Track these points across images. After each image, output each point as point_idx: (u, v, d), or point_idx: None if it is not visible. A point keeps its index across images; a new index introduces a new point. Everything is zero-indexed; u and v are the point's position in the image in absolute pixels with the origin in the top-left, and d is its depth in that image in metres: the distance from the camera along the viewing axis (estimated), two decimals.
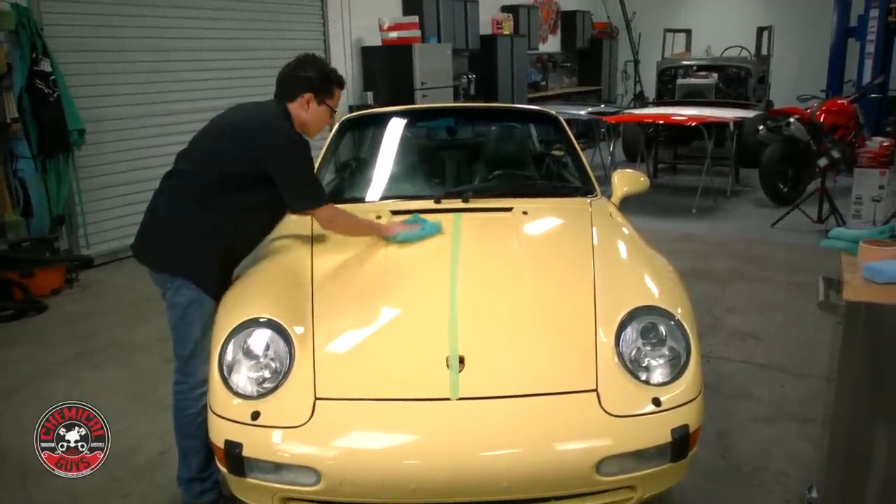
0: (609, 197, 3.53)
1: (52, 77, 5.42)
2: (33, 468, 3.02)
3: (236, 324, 2.28)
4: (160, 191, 2.58)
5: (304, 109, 2.61)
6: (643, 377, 2.17)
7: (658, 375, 2.18)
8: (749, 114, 8.30)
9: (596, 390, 2.12)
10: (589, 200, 3.31)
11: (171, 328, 2.51)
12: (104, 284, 5.68)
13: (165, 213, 2.52)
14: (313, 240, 2.79)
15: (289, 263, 2.64)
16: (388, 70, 8.92)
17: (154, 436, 3.25)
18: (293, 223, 2.96)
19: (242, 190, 2.49)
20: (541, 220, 3.05)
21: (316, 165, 3.61)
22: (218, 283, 2.51)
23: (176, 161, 2.59)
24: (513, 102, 10.71)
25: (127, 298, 5.22)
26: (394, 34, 8.84)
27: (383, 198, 3.35)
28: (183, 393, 2.51)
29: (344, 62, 8.78)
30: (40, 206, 5.60)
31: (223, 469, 2.15)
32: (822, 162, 6.51)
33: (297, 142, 2.54)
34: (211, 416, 2.19)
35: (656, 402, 2.10)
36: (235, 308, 2.38)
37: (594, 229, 2.87)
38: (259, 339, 2.26)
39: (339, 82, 2.71)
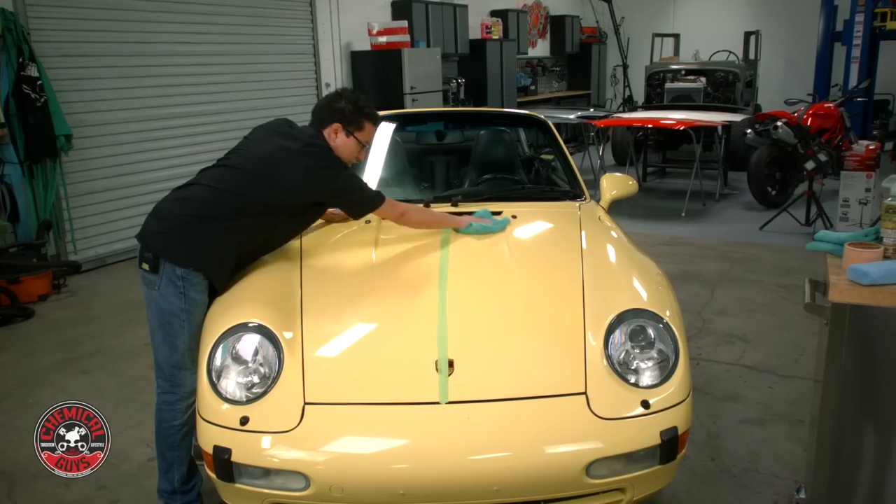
0: (598, 201, 3.55)
1: (38, 82, 5.40)
2: (19, 475, 3.01)
3: (225, 329, 2.27)
4: (175, 199, 2.50)
5: (332, 139, 2.60)
6: (632, 380, 2.17)
7: (647, 378, 2.19)
8: (737, 118, 8.35)
9: (585, 393, 2.12)
10: (578, 204, 3.32)
11: (153, 334, 2.45)
12: (92, 290, 5.65)
13: (181, 217, 2.44)
14: (302, 245, 2.78)
15: (278, 268, 2.63)
16: (377, 75, 8.93)
17: (141, 442, 3.23)
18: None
19: (268, 214, 2.51)
20: (530, 224, 3.06)
21: None
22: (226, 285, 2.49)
23: (199, 175, 2.55)
24: (502, 107, 10.74)
25: (114, 304, 5.19)
26: (383, 39, 8.85)
27: None
28: (170, 403, 2.46)
29: (333, 67, 8.78)
30: (27, 212, 5.57)
31: (212, 475, 2.13)
32: (810, 165, 6.57)
33: (330, 166, 2.53)
34: (200, 422, 2.17)
35: (645, 404, 2.10)
36: (224, 313, 2.36)
37: (583, 233, 2.87)
38: (248, 344, 2.25)
39: (372, 117, 2.67)
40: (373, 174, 3.60)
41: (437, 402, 2.09)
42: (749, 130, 7.48)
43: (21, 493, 2.93)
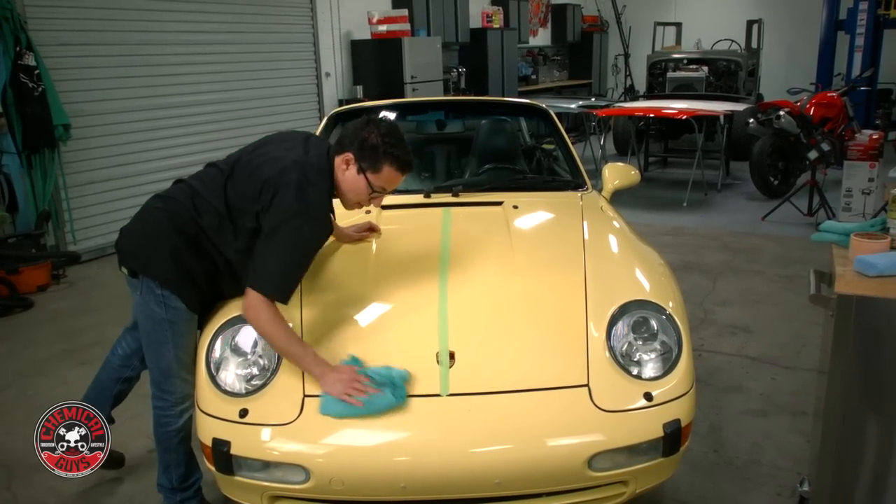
0: (600, 191, 3.52)
1: (36, 71, 5.35)
2: (19, 467, 3.00)
3: (224, 320, 2.26)
4: (155, 207, 2.33)
5: (341, 170, 2.26)
6: (635, 372, 2.16)
7: (650, 370, 2.17)
8: (739, 107, 8.29)
9: (587, 385, 2.10)
10: (580, 194, 3.29)
11: (142, 336, 2.39)
12: (91, 281, 5.63)
13: (162, 216, 2.29)
14: None
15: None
16: (377, 64, 8.88)
17: (141, 434, 3.21)
18: None
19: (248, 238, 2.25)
20: (531, 214, 3.03)
21: None
22: (203, 302, 2.36)
23: (198, 174, 2.37)
24: (503, 96, 10.68)
25: (114, 295, 5.16)
26: (383, 27, 8.80)
27: None
28: (162, 409, 2.40)
29: (333, 56, 8.73)
30: (26, 202, 5.55)
31: (211, 468, 2.12)
32: (812, 155, 6.52)
33: (301, 216, 2.13)
34: (199, 414, 2.16)
35: (648, 396, 2.09)
36: (223, 305, 2.35)
37: (585, 223, 2.85)
38: (247, 336, 2.23)
39: (396, 161, 2.24)
40: None
41: (438, 395, 2.08)
42: (751, 120, 7.43)
43: (20, 484, 2.92)
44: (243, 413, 2.07)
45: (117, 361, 2.72)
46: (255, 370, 2.19)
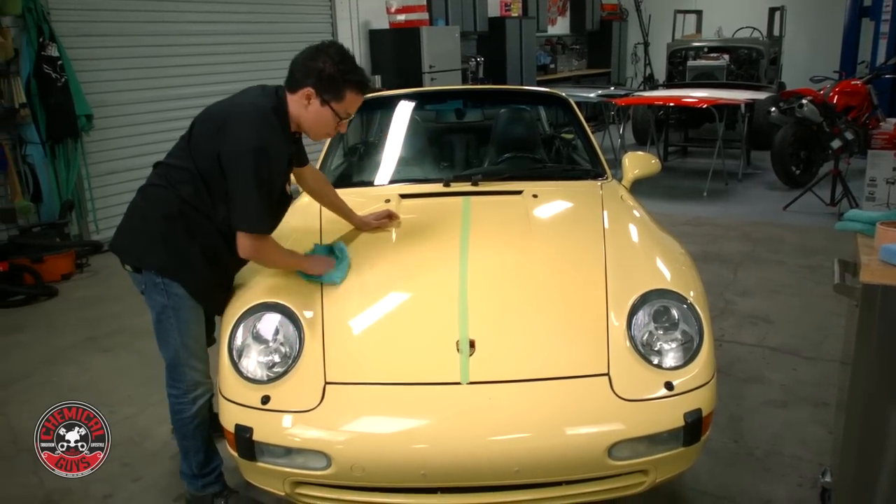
0: (620, 180, 3.50)
1: (59, 62, 5.41)
2: None
3: (245, 308, 2.28)
4: (139, 199, 2.41)
5: (302, 106, 2.25)
6: (655, 361, 2.15)
7: (670, 359, 2.16)
8: (761, 95, 8.20)
9: (608, 374, 2.10)
10: (600, 183, 3.28)
11: (154, 330, 2.42)
12: (113, 270, 5.65)
13: (146, 206, 2.35)
14: (322, 225, 2.77)
15: (297, 247, 2.62)
16: (396, 53, 8.87)
17: (163, 420, 3.23)
18: (299, 210, 2.93)
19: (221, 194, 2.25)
20: (551, 203, 3.02)
21: (323, 151, 3.59)
22: (206, 284, 2.35)
23: (170, 150, 2.41)
24: (522, 85, 10.63)
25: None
26: (401, 17, 8.79)
27: (392, 181, 3.33)
28: (176, 397, 2.43)
29: (351, 45, 8.71)
30: (50, 192, 5.62)
31: (234, 454, 2.14)
32: (835, 144, 6.44)
33: (256, 150, 2.15)
34: (221, 401, 2.18)
35: (669, 386, 2.08)
36: (244, 292, 2.37)
37: (605, 212, 2.83)
38: (268, 324, 2.25)
39: (357, 85, 2.23)
40: (392, 153, 3.57)
41: (458, 383, 2.08)
42: (773, 108, 7.34)
43: (46, 470, 2.96)
44: (265, 400, 2.09)
45: None
46: (276, 357, 2.20)
